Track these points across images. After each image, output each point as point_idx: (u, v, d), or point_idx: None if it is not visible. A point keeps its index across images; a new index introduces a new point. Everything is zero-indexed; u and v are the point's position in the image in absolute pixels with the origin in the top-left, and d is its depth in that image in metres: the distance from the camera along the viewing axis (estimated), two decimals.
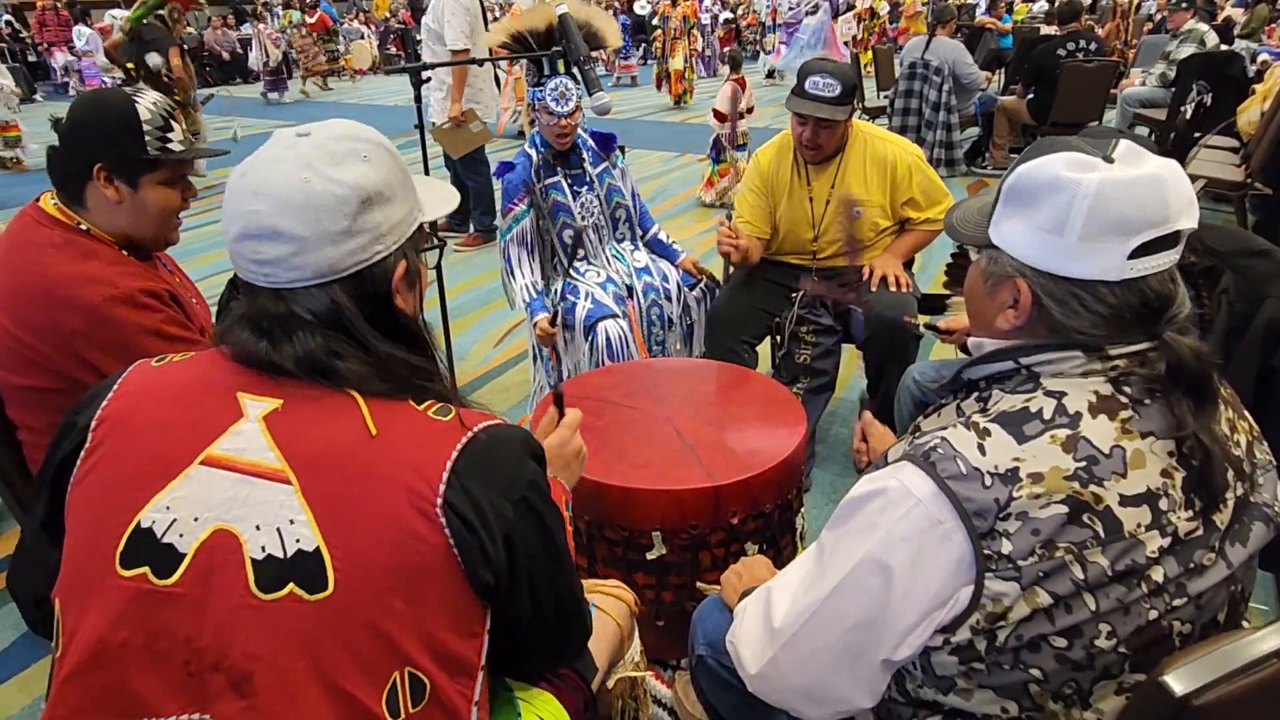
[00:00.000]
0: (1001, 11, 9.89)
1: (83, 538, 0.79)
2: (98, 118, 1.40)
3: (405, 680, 0.75)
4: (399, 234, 0.85)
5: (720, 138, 5.57)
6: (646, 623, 1.70)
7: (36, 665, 1.95)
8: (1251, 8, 8.45)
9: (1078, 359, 0.86)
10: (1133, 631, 0.82)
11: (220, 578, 0.74)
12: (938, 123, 6.15)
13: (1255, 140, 4.47)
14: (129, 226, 1.44)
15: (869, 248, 2.51)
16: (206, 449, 0.77)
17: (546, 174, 2.53)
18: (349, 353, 0.80)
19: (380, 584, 0.74)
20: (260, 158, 0.81)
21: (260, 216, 0.78)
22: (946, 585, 0.82)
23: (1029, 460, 0.81)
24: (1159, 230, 0.81)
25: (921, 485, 0.82)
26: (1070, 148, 0.85)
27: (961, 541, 0.80)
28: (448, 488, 0.77)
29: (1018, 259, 0.87)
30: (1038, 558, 0.79)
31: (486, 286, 4.38)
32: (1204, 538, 0.85)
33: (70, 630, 0.77)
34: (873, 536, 0.84)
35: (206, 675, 0.73)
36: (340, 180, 0.79)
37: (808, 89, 2.30)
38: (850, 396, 3.07)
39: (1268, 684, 0.76)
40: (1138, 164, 0.83)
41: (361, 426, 0.78)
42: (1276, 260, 1.70)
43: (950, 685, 0.87)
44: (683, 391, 2.01)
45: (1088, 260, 0.83)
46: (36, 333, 1.36)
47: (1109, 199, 0.80)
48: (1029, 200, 0.85)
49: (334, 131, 0.83)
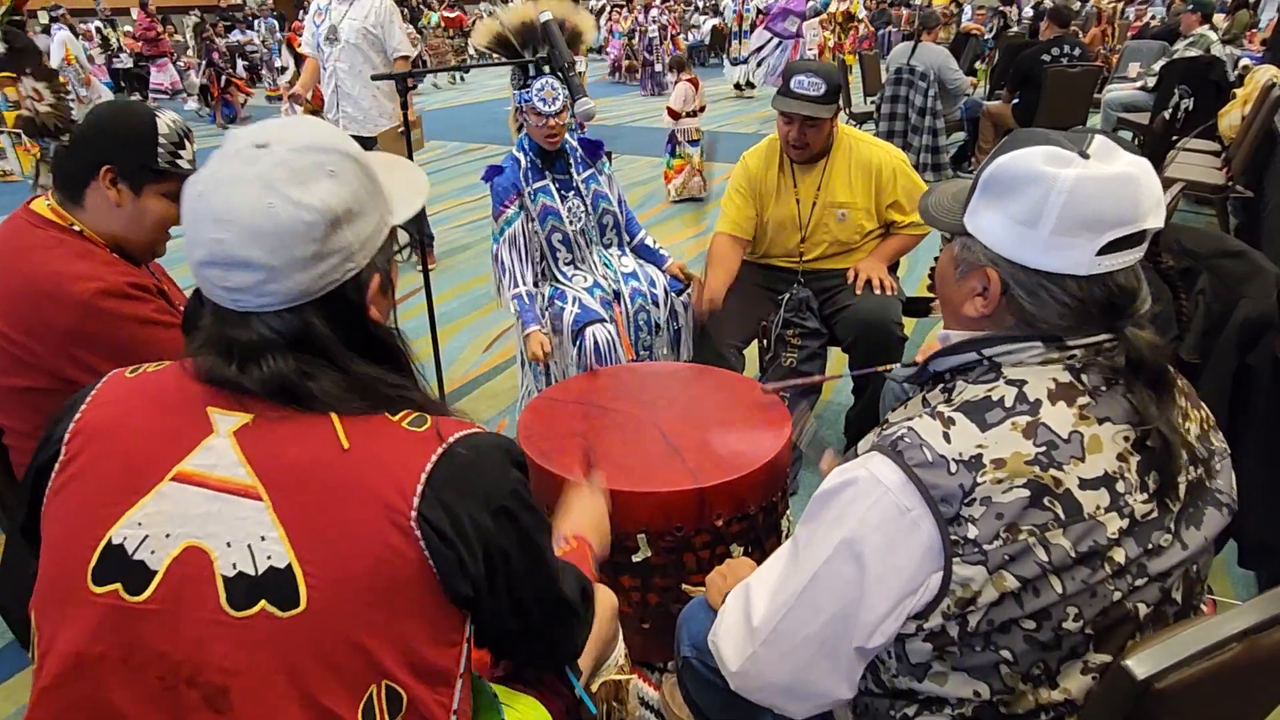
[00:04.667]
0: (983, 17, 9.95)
1: (56, 552, 0.78)
2: (121, 123, 1.45)
3: (382, 693, 0.74)
4: (370, 248, 0.81)
5: (675, 134, 6.02)
6: (632, 625, 1.70)
7: (23, 674, 1.94)
8: (1232, 14, 8.55)
9: (1037, 349, 0.88)
10: (1098, 613, 0.84)
11: (192, 595, 0.73)
12: (924, 127, 6.19)
13: (1236, 144, 4.53)
14: (123, 230, 1.46)
15: (854, 250, 2.54)
16: (177, 465, 0.76)
17: (534, 178, 2.54)
18: (322, 372, 0.78)
19: (354, 599, 0.73)
20: (217, 176, 0.76)
21: (225, 246, 0.74)
22: (917, 572, 0.83)
23: (992, 446, 0.83)
24: (1128, 229, 0.83)
25: (890, 474, 0.84)
26: (1049, 141, 0.86)
27: (929, 528, 0.82)
28: (422, 501, 0.75)
29: (990, 248, 0.89)
30: (1002, 541, 0.81)
31: (475, 292, 4.38)
32: (1159, 519, 0.87)
33: (47, 642, 0.76)
34: (844, 526, 0.86)
35: (182, 690, 0.72)
36: (306, 204, 0.74)
37: (793, 88, 2.34)
38: (837, 400, 3.09)
39: (1228, 667, 0.78)
40: (1112, 161, 0.84)
41: (334, 441, 0.76)
42: (1251, 261, 1.73)
43: (925, 670, 0.89)
44: (669, 395, 2.02)
45: (1058, 254, 0.84)
46: (27, 331, 1.37)
47: (1083, 195, 0.82)
48: (1006, 191, 0.86)
49: (295, 142, 0.77)
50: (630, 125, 9.83)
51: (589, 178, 2.63)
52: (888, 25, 13.20)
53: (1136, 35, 9.50)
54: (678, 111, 5.91)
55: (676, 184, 6.13)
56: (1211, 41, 6.23)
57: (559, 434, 1.81)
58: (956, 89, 6.37)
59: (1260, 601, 0.82)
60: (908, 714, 0.93)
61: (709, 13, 16.79)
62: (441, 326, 3.00)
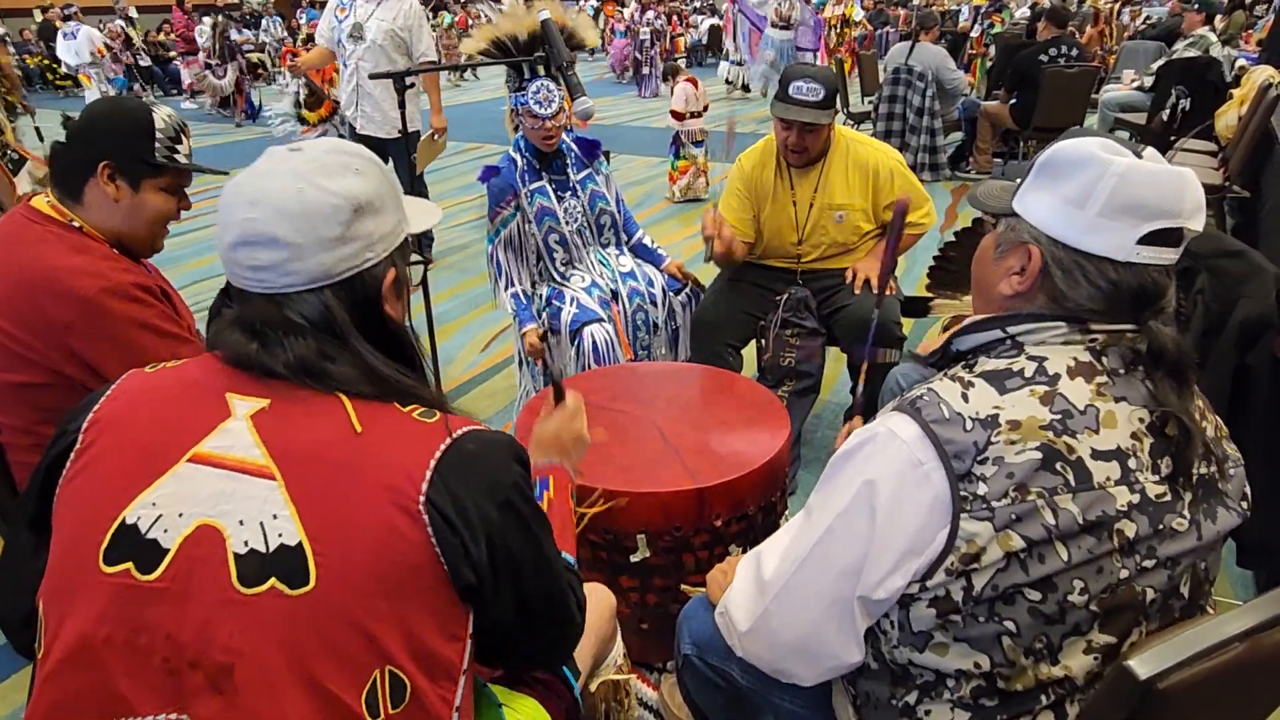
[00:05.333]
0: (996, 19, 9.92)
1: (68, 536, 0.80)
2: (116, 118, 1.45)
3: (385, 679, 0.75)
4: (388, 243, 0.87)
5: (679, 135, 6.02)
6: (631, 626, 1.70)
7: (16, 676, 1.93)
8: (1228, 14, 8.57)
9: (1060, 329, 0.91)
10: (1104, 589, 0.85)
11: (202, 573, 0.74)
12: (922, 128, 6.22)
13: (1233, 144, 4.53)
14: (122, 226, 1.46)
15: (852, 250, 2.53)
16: (194, 447, 0.78)
17: (531, 179, 2.53)
18: (339, 355, 0.82)
19: (362, 580, 0.75)
20: (254, 171, 0.83)
21: (256, 224, 0.80)
22: (925, 525, 0.85)
23: (1008, 409, 0.86)
24: (1170, 221, 0.86)
25: (906, 428, 0.88)
26: (1106, 136, 0.91)
27: (940, 482, 0.85)
28: (430, 486, 0.78)
29: (1036, 226, 0.92)
30: (1010, 500, 0.83)
31: (472, 292, 4.37)
32: (1171, 503, 0.88)
33: (53, 631, 0.77)
34: (859, 479, 0.89)
35: (185, 673, 0.73)
36: (334, 190, 0.81)
37: (791, 94, 2.33)
38: (835, 399, 3.09)
39: (1230, 668, 0.78)
40: (1163, 162, 0.89)
41: (347, 425, 0.79)
42: (1251, 261, 1.73)
43: (926, 640, 0.89)
44: (667, 395, 2.02)
45: (1101, 235, 0.87)
46: (25, 325, 1.37)
47: (1133, 181, 0.86)
48: (1059, 172, 0.90)
49: (325, 147, 0.86)
50: (629, 125, 9.83)
51: (586, 178, 2.62)
52: (885, 25, 13.21)
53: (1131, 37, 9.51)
54: (681, 113, 5.95)
55: (681, 185, 6.15)
56: (1211, 43, 6.26)
57: None
58: (954, 89, 6.38)
59: (1262, 601, 0.82)
60: (909, 702, 0.94)
61: (706, 12, 16.80)
62: (439, 326, 3.00)
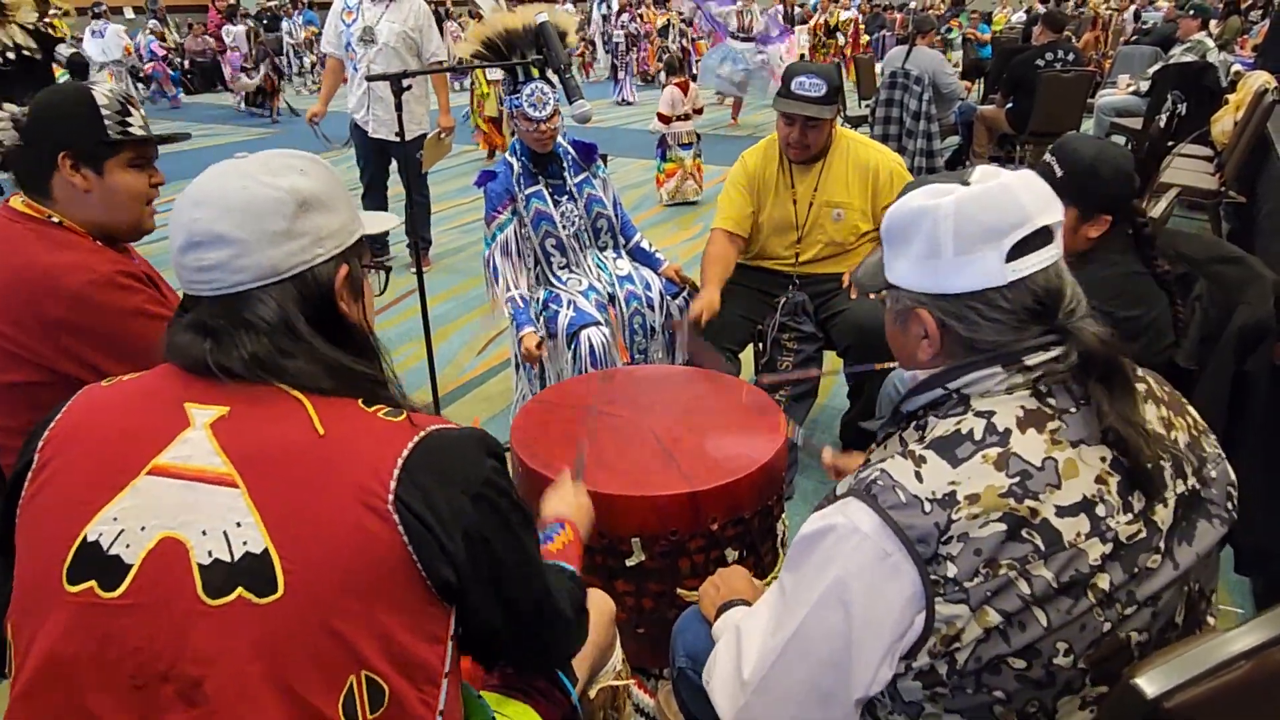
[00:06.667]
0: (978, 21, 9.96)
1: (31, 557, 0.78)
2: (57, 108, 1.42)
3: (362, 684, 0.74)
4: (338, 240, 0.87)
5: (665, 138, 6.03)
6: (627, 631, 1.68)
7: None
8: (1224, 20, 8.60)
9: (999, 374, 0.88)
10: (1089, 645, 0.83)
11: (168, 586, 0.73)
12: (918, 131, 6.20)
13: (1229, 149, 4.54)
14: (101, 215, 1.44)
15: (850, 252, 2.53)
16: (153, 459, 0.77)
17: (528, 183, 2.52)
18: (296, 350, 0.81)
19: (332, 583, 0.73)
20: (202, 176, 0.84)
21: (201, 223, 0.80)
22: (903, 615, 0.83)
23: (964, 482, 0.83)
24: (1024, 229, 0.85)
25: (865, 519, 0.84)
26: (927, 183, 0.91)
27: (909, 570, 0.82)
28: (399, 484, 0.76)
29: (912, 290, 0.92)
30: (982, 577, 0.81)
31: (468, 295, 4.36)
32: (1147, 539, 0.86)
33: (23, 652, 0.76)
34: (829, 573, 0.86)
35: (155, 687, 0.72)
36: (278, 185, 0.82)
37: (794, 89, 2.35)
38: (833, 403, 3.08)
39: (1237, 685, 0.77)
40: (990, 180, 0.88)
41: (309, 427, 0.78)
42: (1249, 267, 1.73)
43: (919, 710, 0.88)
44: (664, 399, 2.01)
45: (968, 272, 0.87)
46: (17, 324, 1.36)
47: (967, 212, 0.86)
48: (902, 235, 0.91)
49: (272, 152, 0.87)
50: (624, 128, 9.83)
51: (583, 181, 2.61)
52: (882, 29, 13.24)
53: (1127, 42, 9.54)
54: (668, 116, 5.96)
55: (669, 188, 6.14)
56: (1208, 48, 6.26)
57: (552, 437, 1.80)
58: (951, 93, 6.38)
59: (1270, 618, 0.80)
60: None
61: None
62: (435, 329, 2.99)
